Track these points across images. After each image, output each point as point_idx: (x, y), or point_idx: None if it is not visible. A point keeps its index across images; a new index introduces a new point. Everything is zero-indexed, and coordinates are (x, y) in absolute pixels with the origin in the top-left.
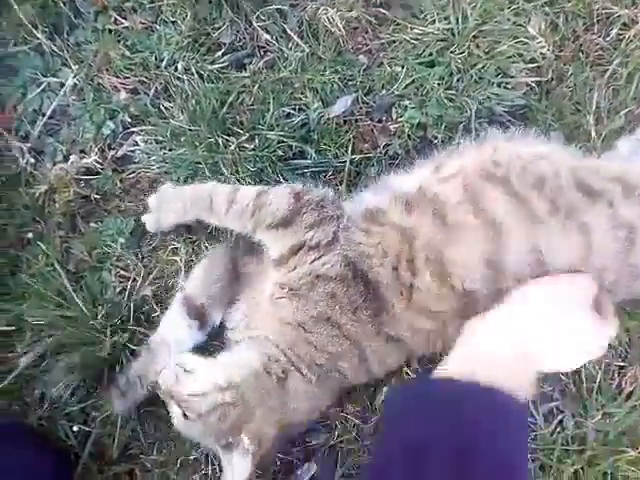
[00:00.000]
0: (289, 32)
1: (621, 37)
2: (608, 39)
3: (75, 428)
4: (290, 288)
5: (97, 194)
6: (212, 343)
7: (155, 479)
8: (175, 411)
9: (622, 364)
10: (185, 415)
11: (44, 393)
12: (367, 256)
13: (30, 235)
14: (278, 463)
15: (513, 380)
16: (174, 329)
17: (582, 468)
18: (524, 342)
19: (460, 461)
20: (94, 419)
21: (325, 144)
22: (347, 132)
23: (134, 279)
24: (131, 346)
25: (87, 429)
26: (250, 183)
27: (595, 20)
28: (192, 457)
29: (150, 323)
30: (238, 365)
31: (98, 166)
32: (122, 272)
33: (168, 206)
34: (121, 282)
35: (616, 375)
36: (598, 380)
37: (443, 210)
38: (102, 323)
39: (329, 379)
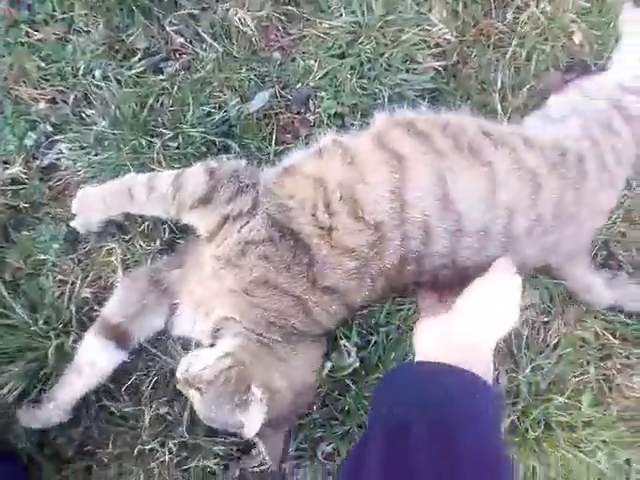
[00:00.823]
0: (202, 34)
1: (517, 20)
2: (505, 22)
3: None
4: (225, 259)
5: (26, 203)
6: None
7: (113, 473)
8: (193, 395)
9: (546, 319)
10: (200, 391)
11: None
12: (287, 208)
13: None
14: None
15: (480, 366)
16: (85, 354)
17: (518, 418)
18: (477, 334)
19: (442, 436)
20: None
21: (248, 138)
22: (268, 125)
23: (72, 283)
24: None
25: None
26: None
27: (492, 6)
28: (148, 447)
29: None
30: (227, 342)
31: (24, 176)
32: (60, 277)
33: (91, 206)
34: (60, 287)
35: (541, 330)
36: (525, 336)
37: (352, 152)
38: (44, 328)
39: (293, 335)
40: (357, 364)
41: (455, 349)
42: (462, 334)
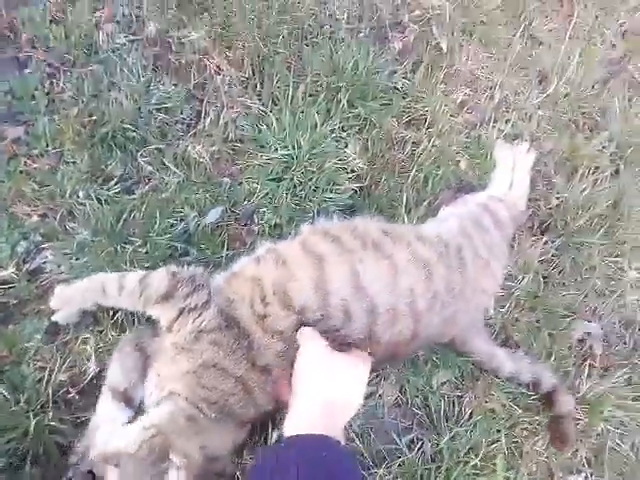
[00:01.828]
0: (167, 164)
1: (414, 152)
2: (405, 154)
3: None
4: (181, 346)
5: (14, 301)
6: None
7: None
8: (109, 473)
9: (459, 394)
10: (117, 465)
11: None
12: (231, 301)
13: None
14: None
15: (337, 430)
16: (106, 413)
17: None
18: (332, 403)
19: None
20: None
21: (204, 244)
22: (220, 235)
23: (50, 369)
24: (53, 424)
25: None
26: None
27: (394, 142)
28: None
29: (68, 403)
30: (156, 414)
31: (14, 277)
32: (40, 364)
33: (69, 301)
34: (39, 372)
35: (456, 403)
36: (443, 410)
37: (283, 257)
38: (24, 408)
39: (227, 414)
40: None
41: (313, 424)
42: (313, 410)
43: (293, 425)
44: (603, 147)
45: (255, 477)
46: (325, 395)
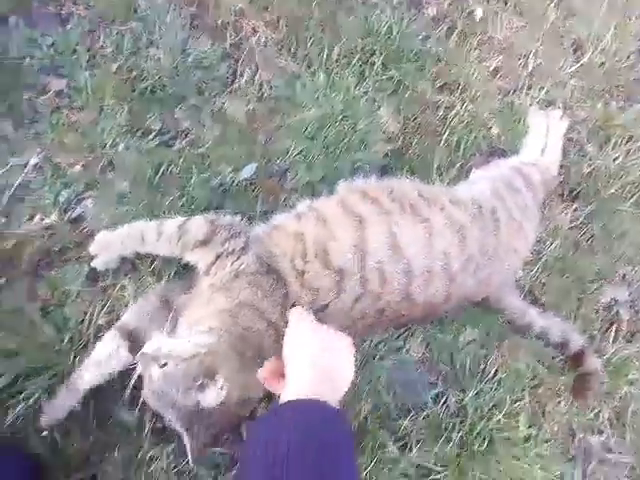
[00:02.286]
0: (203, 120)
1: (447, 116)
2: (438, 118)
3: (44, 434)
4: (219, 286)
5: (57, 247)
6: None
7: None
8: (154, 371)
9: (485, 352)
10: (164, 366)
11: (17, 412)
12: (272, 254)
13: (2, 281)
14: None
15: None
16: (104, 348)
17: (465, 434)
18: (325, 371)
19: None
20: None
21: (238, 200)
22: (254, 191)
23: (91, 313)
24: None
25: (56, 436)
26: None
27: (427, 105)
28: (149, 455)
29: None
30: (207, 338)
31: (57, 224)
32: (81, 308)
33: (108, 247)
34: (81, 315)
35: (482, 362)
36: (468, 367)
37: (324, 216)
38: (67, 347)
39: (261, 356)
40: None
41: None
42: (305, 383)
43: (287, 395)
44: (637, 118)
45: (250, 448)
46: (317, 362)
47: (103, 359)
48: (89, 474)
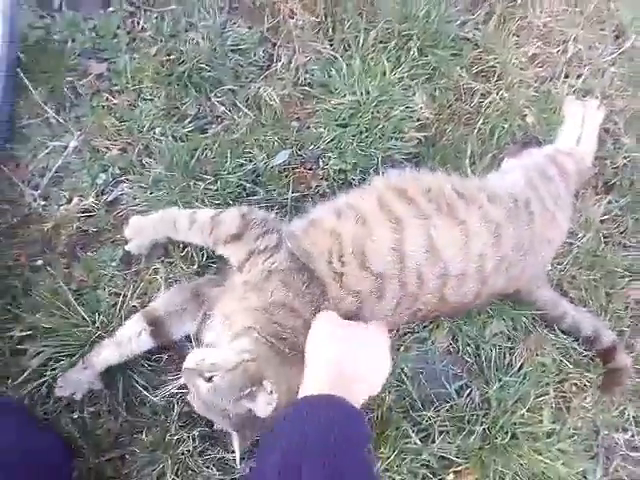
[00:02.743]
0: (239, 105)
1: (481, 104)
2: (472, 105)
3: (75, 416)
4: (252, 284)
5: (93, 229)
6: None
7: (144, 461)
8: (200, 384)
9: (511, 345)
10: (210, 380)
11: (49, 390)
12: (308, 253)
13: (40, 262)
14: None
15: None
16: (127, 329)
17: (488, 427)
18: (335, 376)
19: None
20: (90, 413)
21: (271, 186)
22: (287, 177)
23: (124, 295)
24: None
25: (87, 415)
26: None
27: (462, 92)
28: (176, 437)
29: None
30: (245, 342)
31: (94, 207)
32: (114, 290)
33: (141, 231)
34: (114, 297)
35: (507, 355)
36: (493, 360)
37: (363, 215)
38: (100, 328)
39: (299, 352)
40: None
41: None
42: (321, 379)
43: (305, 391)
44: None
45: (268, 438)
46: (337, 366)
47: (124, 340)
48: (117, 455)
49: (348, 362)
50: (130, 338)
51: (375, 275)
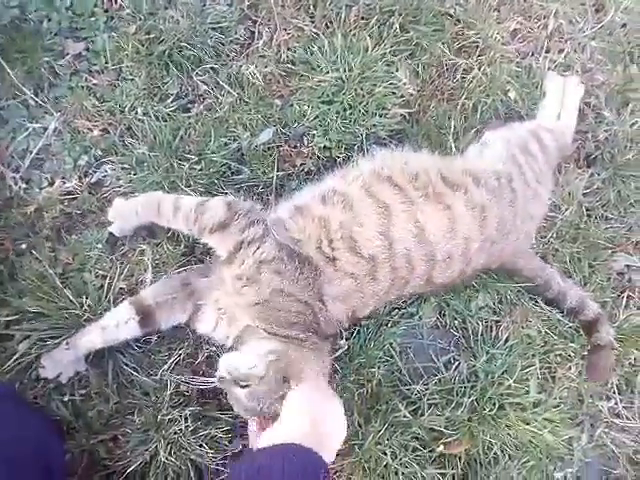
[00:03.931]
0: (221, 83)
1: (464, 79)
2: (455, 81)
3: (66, 399)
4: (246, 277)
5: (77, 211)
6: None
7: (137, 441)
8: (238, 392)
9: (497, 318)
10: (246, 387)
11: (39, 374)
12: (296, 240)
13: (24, 246)
14: None
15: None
16: (114, 316)
17: (476, 399)
18: (310, 430)
19: None
20: (81, 395)
21: (255, 165)
22: (271, 155)
23: (111, 277)
24: None
25: (77, 398)
26: (203, 196)
27: (445, 68)
28: (168, 417)
29: None
30: (263, 344)
31: (77, 189)
32: (101, 272)
33: (125, 215)
34: (100, 280)
35: (494, 328)
36: (480, 333)
37: (349, 200)
38: (88, 311)
39: (310, 331)
40: (346, 347)
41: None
42: (295, 430)
43: (275, 437)
44: None
45: None
46: (312, 425)
47: (110, 325)
48: (109, 436)
49: (323, 423)
50: (117, 324)
51: (366, 259)
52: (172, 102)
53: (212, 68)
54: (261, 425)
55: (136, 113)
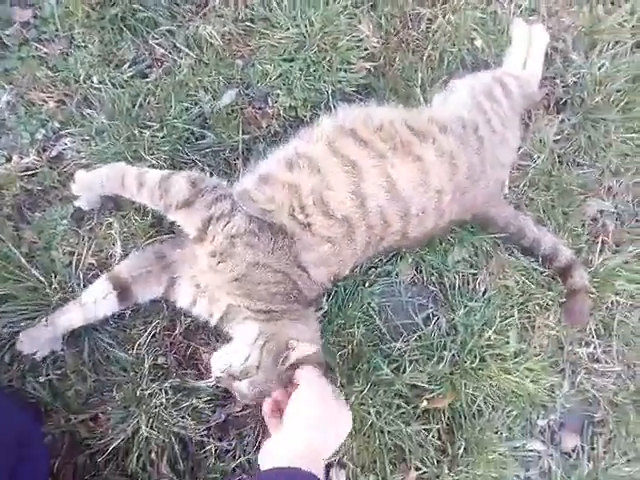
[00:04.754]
0: (178, 46)
1: (429, 29)
2: (420, 31)
3: (42, 379)
4: (219, 253)
5: (39, 188)
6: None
7: (118, 418)
8: (239, 386)
9: (474, 272)
10: (246, 378)
11: (12, 357)
12: (267, 211)
13: None
14: None
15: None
16: (92, 292)
17: (457, 352)
18: (310, 444)
19: None
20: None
21: (220, 129)
22: (235, 118)
23: (79, 253)
24: None
25: (54, 378)
26: (167, 164)
27: (408, 18)
28: (148, 392)
29: None
30: (248, 328)
31: (37, 164)
32: (68, 249)
33: (89, 186)
34: (68, 256)
35: (471, 281)
36: (457, 287)
37: (315, 163)
38: (57, 289)
39: (292, 301)
40: (326, 308)
41: (294, 458)
42: (297, 445)
43: (273, 457)
44: (624, 20)
45: None
46: (314, 435)
47: (89, 302)
48: (89, 415)
49: (324, 431)
50: (95, 301)
51: (341, 221)
52: (129, 68)
53: (168, 31)
54: (271, 408)
55: (92, 82)
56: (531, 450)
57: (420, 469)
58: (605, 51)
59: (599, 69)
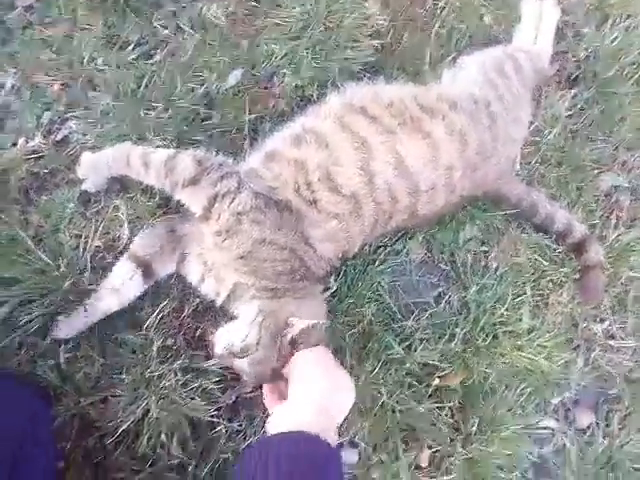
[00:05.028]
0: (183, 27)
1: (436, 6)
2: (427, 9)
3: (51, 362)
4: (225, 230)
5: (45, 171)
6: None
7: (127, 400)
8: (240, 364)
9: (485, 249)
10: (247, 355)
11: (21, 340)
12: (273, 188)
13: None
14: None
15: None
16: (118, 274)
17: (470, 330)
18: (328, 409)
19: None
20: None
21: (226, 109)
22: (241, 98)
23: (86, 236)
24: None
25: (63, 362)
26: (173, 145)
27: None
28: (157, 374)
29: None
30: (249, 307)
31: (42, 148)
32: (75, 232)
33: (95, 167)
34: (75, 239)
35: (482, 258)
36: (469, 264)
37: (323, 138)
38: (64, 272)
39: (298, 280)
40: (335, 287)
41: (301, 424)
42: (304, 411)
43: (280, 425)
44: None
45: (240, 476)
46: (323, 400)
47: (119, 286)
48: (99, 398)
49: (332, 398)
50: (123, 284)
51: (348, 197)
52: (133, 49)
53: (172, 11)
54: (271, 389)
55: (96, 64)
56: (545, 428)
57: (432, 447)
58: (617, 24)
59: (611, 42)
